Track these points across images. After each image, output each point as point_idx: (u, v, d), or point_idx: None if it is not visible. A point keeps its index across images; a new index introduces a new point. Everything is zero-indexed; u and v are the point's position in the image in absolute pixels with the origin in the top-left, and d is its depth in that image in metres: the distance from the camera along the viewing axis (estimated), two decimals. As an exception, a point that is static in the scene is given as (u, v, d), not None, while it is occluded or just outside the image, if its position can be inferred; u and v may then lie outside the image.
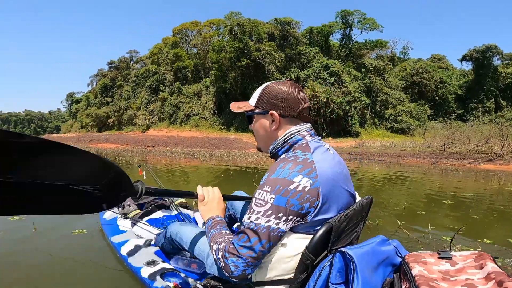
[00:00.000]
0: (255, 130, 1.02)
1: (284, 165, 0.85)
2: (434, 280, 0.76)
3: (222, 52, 32.25)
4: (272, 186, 0.81)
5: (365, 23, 35.90)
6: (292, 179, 0.81)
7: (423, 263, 0.83)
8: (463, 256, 0.84)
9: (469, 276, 0.75)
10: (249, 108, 0.99)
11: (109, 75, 49.16)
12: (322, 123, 27.61)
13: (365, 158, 14.49)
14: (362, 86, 32.47)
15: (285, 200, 0.80)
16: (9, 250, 2.06)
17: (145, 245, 1.66)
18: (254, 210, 0.83)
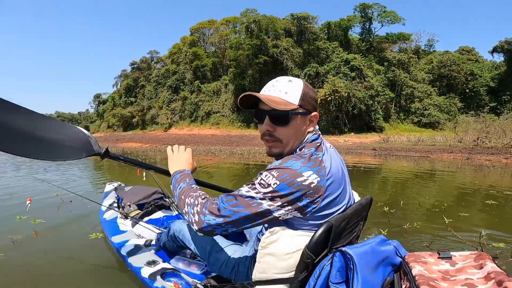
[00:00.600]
0: (284, 131, 0.91)
1: (298, 159, 0.85)
2: (434, 279, 0.76)
3: (240, 50, 32.29)
4: (280, 173, 0.81)
5: (386, 16, 34.75)
6: (302, 172, 0.81)
7: (423, 263, 0.83)
8: (462, 256, 0.84)
9: (469, 275, 0.76)
10: (292, 107, 0.89)
11: (132, 75, 50.87)
12: (343, 118, 26.95)
13: (391, 154, 13.93)
14: (385, 80, 31.37)
15: (288, 190, 0.80)
16: (9, 250, 2.06)
17: (145, 245, 1.66)
18: (255, 187, 0.83)
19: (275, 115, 0.89)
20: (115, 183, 2.89)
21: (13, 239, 2.20)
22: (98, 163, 8.46)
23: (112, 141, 28.43)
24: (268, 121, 0.91)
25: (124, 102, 49.02)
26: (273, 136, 0.92)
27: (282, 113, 0.88)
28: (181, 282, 1.27)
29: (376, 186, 5.40)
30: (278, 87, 0.91)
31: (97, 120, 58.83)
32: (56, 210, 3.04)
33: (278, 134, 0.91)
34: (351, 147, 18.61)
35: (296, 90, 0.90)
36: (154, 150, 16.14)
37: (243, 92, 0.96)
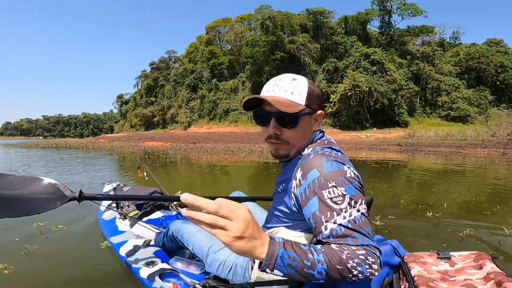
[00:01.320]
0: (293, 133, 0.87)
1: (327, 159, 0.81)
2: (433, 280, 0.75)
3: (256, 47, 32.10)
4: (335, 180, 0.77)
5: (406, 8, 33.61)
6: (343, 168, 0.79)
7: (422, 263, 0.82)
8: (462, 256, 0.83)
9: (468, 276, 0.75)
10: (300, 108, 0.85)
11: (151, 75, 52.16)
12: (365, 114, 26.16)
13: (418, 150, 13.30)
14: (408, 73, 30.21)
15: (354, 186, 0.78)
16: (9, 249, 2.06)
17: (144, 245, 1.64)
18: (340, 208, 0.74)
19: (282, 117, 0.84)
20: (114, 183, 2.88)
21: (12, 240, 2.22)
22: (98, 163, 8.52)
23: (134, 140, 29.23)
24: (275, 124, 0.86)
25: (145, 102, 50.36)
26: (280, 138, 0.87)
27: (290, 115, 0.83)
28: (179, 282, 1.26)
29: (410, 185, 5.15)
30: (283, 87, 0.86)
31: (120, 120, 60.88)
32: (56, 210, 3.08)
33: (285, 136, 0.87)
34: (374, 143, 17.99)
35: (302, 89, 0.86)
36: (174, 149, 16.36)
37: (261, 88, 0.91)
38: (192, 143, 21.42)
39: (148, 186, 2.44)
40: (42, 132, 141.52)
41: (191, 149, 15.78)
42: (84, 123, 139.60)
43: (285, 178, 0.93)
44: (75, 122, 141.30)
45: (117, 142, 28.07)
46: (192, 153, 13.22)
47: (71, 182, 4.93)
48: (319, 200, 0.76)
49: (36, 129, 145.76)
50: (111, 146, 20.26)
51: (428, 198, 3.72)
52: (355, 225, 0.73)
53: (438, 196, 3.90)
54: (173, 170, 7.10)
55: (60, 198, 1.14)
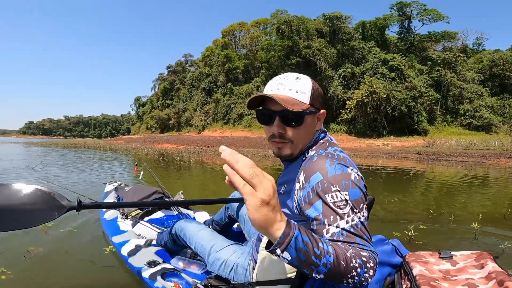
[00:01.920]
0: (296, 132, 0.86)
1: (330, 162, 0.81)
2: (435, 279, 0.75)
3: (271, 51, 32.08)
4: (338, 184, 0.77)
5: (426, 14, 32.85)
6: (347, 171, 0.79)
7: (424, 262, 0.82)
8: (463, 256, 0.83)
9: (470, 275, 0.75)
10: (305, 107, 0.83)
11: (168, 78, 53.17)
12: (382, 121, 25.50)
13: (439, 159, 12.77)
14: (429, 80, 29.34)
15: (357, 191, 0.78)
16: (10, 249, 2.07)
17: (145, 245, 1.65)
18: (343, 213, 0.75)
19: (287, 116, 0.83)
20: (115, 183, 2.88)
21: (13, 240, 2.22)
22: (114, 164, 8.59)
23: (150, 142, 29.77)
24: (279, 122, 0.85)
25: (161, 104, 51.32)
26: (284, 137, 0.86)
27: (295, 114, 0.82)
28: (181, 282, 1.26)
29: (437, 195, 4.87)
30: (288, 85, 0.85)
31: (137, 122, 62.32)
32: None
33: (289, 135, 0.86)
34: (391, 151, 17.46)
35: (306, 88, 0.85)
36: (188, 152, 16.47)
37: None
38: (206, 146, 21.52)
39: (149, 186, 2.42)
40: (63, 132, 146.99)
41: (205, 152, 15.82)
42: (103, 124, 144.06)
43: (287, 179, 0.92)
44: (94, 123, 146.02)
45: (133, 143, 28.66)
46: (206, 156, 13.22)
47: (87, 182, 4.96)
48: (323, 204, 0.76)
49: (57, 129, 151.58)
50: (127, 147, 20.66)
51: (458, 209, 3.50)
52: (357, 230, 0.73)
53: (469, 206, 3.68)
54: (186, 173, 7.07)
55: (56, 209, 1.07)
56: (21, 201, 1.03)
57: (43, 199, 1.07)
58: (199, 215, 2.15)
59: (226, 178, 0.63)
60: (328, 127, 28.39)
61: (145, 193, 2.24)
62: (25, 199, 1.04)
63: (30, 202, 1.03)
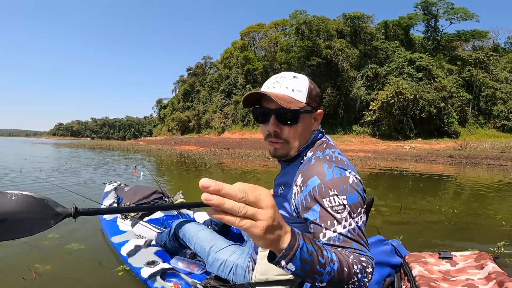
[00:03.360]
0: (292, 131, 0.85)
1: (328, 165, 0.80)
2: (435, 280, 0.75)
3: (291, 52, 31.63)
4: (336, 188, 0.76)
5: (454, 13, 31.32)
6: (345, 175, 0.78)
7: (424, 263, 0.82)
8: (463, 256, 0.82)
9: (470, 276, 0.75)
10: (301, 106, 0.82)
11: (188, 81, 54.06)
12: (409, 123, 24.35)
13: (474, 162, 11.90)
14: (459, 80, 27.79)
15: (355, 195, 0.77)
16: (10, 248, 2.07)
17: (145, 245, 1.65)
18: (340, 217, 0.74)
19: (283, 115, 0.82)
20: (115, 183, 2.88)
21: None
22: (99, 164, 8.56)
23: (171, 144, 30.27)
24: (275, 121, 0.84)
25: (182, 106, 52.24)
26: (280, 136, 0.85)
27: (291, 112, 0.81)
28: (180, 282, 1.26)
29: (488, 202, 4.35)
30: (284, 84, 0.84)
31: (159, 123, 63.89)
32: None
33: (285, 135, 0.85)
34: (420, 154, 16.55)
35: (303, 87, 0.84)
36: (209, 154, 16.47)
37: None
38: (226, 148, 21.50)
39: (149, 186, 2.45)
40: (90, 134, 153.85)
41: (225, 155, 15.74)
42: (127, 126, 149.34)
43: (285, 181, 0.91)
44: (119, 125, 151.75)
45: (155, 145, 29.27)
46: (227, 159, 13.11)
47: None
48: (320, 208, 0.75)
49: (85, 131, 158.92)
50: (149, 149, 21.05)
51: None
52: (354, 235, 0.73)
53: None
54: (208, 175, 6.93)
55: (51, 217, 1.02)
56: (11, 209, 0.95)
57: (35, 207, 1.00)
58: (199, 215, 2.17)
59: (209, 212, 0.45)
60: (351, 129, 27.57)
61: (145, 193, 2.23)
62: (16, 208, 0.96)
63: (21, 211, 0.96)
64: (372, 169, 9.00)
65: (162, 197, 2.28)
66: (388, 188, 5.54)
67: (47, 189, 4.14)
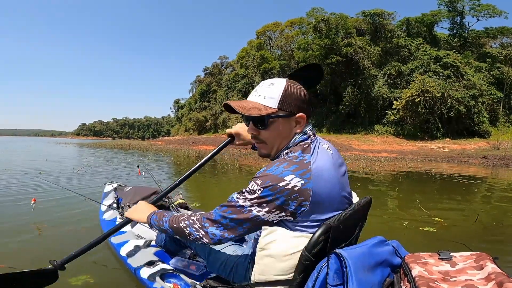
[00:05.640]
0: (267, 134, 0.95)
1: (281, 163, 0.87)
2: (434, 280, 0.75)
3: (309, 51, 31.00)
4: (263, 180, 0.85)
5: (481, 9, 29.81)
6: (283, 177, 0.84)
7: (423, 263, 0.83)
8: (463, 257, 0.82)
9: (469, 276, 0.75)
10: (270, 111, 0.91)
11: (205, 81, 54.40)
12: (436, 122, 23.21)
13: (510, 164, 11.00)
14: (489, 78, 26.31)
15: (272, 195, 0.83)
16: (12, 247, 2.10)
17: (144, 245, 1.64)
18: (244, 194, 0.88)
19: (255, 120, 0.94)
20: (115, 184, 2.90)
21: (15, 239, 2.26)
22: (157, 167, 8.46)
23: (188, 144, 30.53)
24: (252, 125, 0.95)
25: (199, 106, 52.69)
26: (258, 138, 0.96)
27: (257, 118, 0.92)
28: (180, 283, 1.26)
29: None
30: (259, 92, 0.93)
31: (176, 124, 64.82)
32: (57, 210, 3.10)
33: (262, 137, 0.95)
34: (449, 155, 15.66)
35: (275, 93, 0.91)
36: (228, 154, 16.36)
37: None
38: (243, 148, 21.31)
39: (148, 186, 2.46)
40: (111, 134, 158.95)
41: (244, 155, 15.55)
42: (146, 126, 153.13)
43: None
44: (138, 125, 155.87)
45: (173, 145, 29.60)
46: (245, 159, 12.89)
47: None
48: (249, 182, 0.88)
49: (106, 130, 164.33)
50: (168, 149, 21.24)
51: None
52: (233, 207, 0.88)
53: None
54: (224, 176, 6.72)
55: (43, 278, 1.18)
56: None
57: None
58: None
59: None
60: (372, 129, 26.65)
61: (145, 194, 2.22)
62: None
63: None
64: (415, 170, 8.46)
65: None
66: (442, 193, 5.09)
67: (49, 189, 4.03)
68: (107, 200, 2.50)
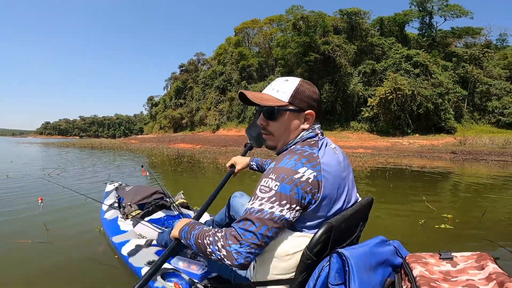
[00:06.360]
0: (276, 126, 0.96)
1: (291, 156, 0.87)
2: (435, 280, 0.75)
3: (288, 48, 31.21)
4: (277, 174, 0.83)
5: (449, 10, 31.57)
6: (297, 169, 0.83)
7: (424, 263, 0.83)
8: (464, 257, 0.83)
9: (470, 276, 0.75)
10: (281, 104, 0.93)
11: (180, 78, 52.92)
12: (406, 118, 24.36)
13: (479, 159, 11.80)
14: (455, 76, 28.03)
15: (289, 188, 0.81)
16: (12, 247, 2.10)
17: (146, 245, 1.65)
18: (258, 196, 0.84)
19: (265, 111, 0.95)
20: (116, 183, 2.90)
21: (19, 237, 2.26)
22: (99, 163, 8.16)
23: (165, 142, 29.54)
24: (262, 116, 0.97)
25: (174, 104, 51.22)
26: (267, 129, 0.98)
27: (269, 109, 0.94)
28: (181, 282, 1.26)
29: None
30: (273, 86, 0.96)
31: (150, 121, 62.57)
32: (58, 210, 3.09)
33: (270, 128, 0.97)
34: (420, 150, 16.47)
35: (288, 88, 0.94)
36: (209, 152, 15.98)
37: None
38: (223, 146, 20.99)
39: (150, 186, 2.44)
40: (79, 132, 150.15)
41: (224, 153, 15.28)
42: (117, 124, 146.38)
43: None
44: (108, 123, 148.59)
45: (148, 143, 28.49)
46: (226, 156, 12.64)
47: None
48: (257, 185, 0.86)
49: (73, 129, 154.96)
50: (144, 148, 20.37)
51: None
52: (251, 215, 0.81)
53: None
54: (208, 177, 6.48)
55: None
56: None
57: None
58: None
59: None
60: (348, 125, 27.44)
61: (146, 193, 2.23)
62: None
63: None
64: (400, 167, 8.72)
65: (163, 197, 2.28)
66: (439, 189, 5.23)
67: (49, 188, 3.91)
68: (108, 199, 2.50)
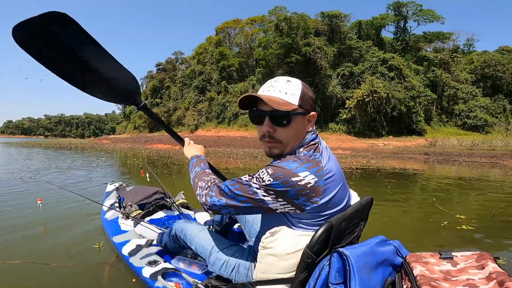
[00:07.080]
0: (285, 132, 0.91)
1: (294, 160, 0.86)
2: (436, 280, 0.76)
3: (269, 49, 31.29)
4: (274, 171, 0.84)
5: (422, 14, 33.22)
6: (298, 173, 0.83)
7: (424, 263, 0.83)
8: (464, 256, 0.83)
9: (470, 276, 0.76)
10: (293, 108, 0.89)
11: (157, 76, 51.25)
12: (382, 121, 25.25)
13: (450, 160, 12.44)
14: (425, 80, 29.54)
15: (282, 187, 0.83)
16: (13, 247, 2.10)
17: (146, 245, 1.65)
18: (254, 179, 0.88)
19: (275, 116, 0.89)
20: (117, 183, 2.89)
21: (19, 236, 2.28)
22: (98, 162, 8.39)
23: (140, 142, 28.41)
24: (269, 122, 0.91)
25: (151, 103, 49.43)
26: (273, 137, 0.92)
27: (283, 113, 0.88)
28: (182, 282, 1.27)
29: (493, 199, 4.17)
30: (278, 87, 0.91)
31: (123, 121, 59.99)
32: (58, 210, 3.06)
33: (278, 135, 0.91)
34: (396, 151, 17.10)
35: (295, 90, 0.90)
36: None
37: None
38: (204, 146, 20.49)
39: (150, 186, 2.42)
40: (44, 132, 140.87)
41: (209, 154, 14.85)
42: (86, 123, 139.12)
43: None
44: (76, 123, 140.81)
45: (122, 143, 27.26)
46: (208, 158, 12.28)
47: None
48: (260, 169, 0.88)
49: (37, 129, 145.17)
50: (119, 148, 19.39)
51: None
52: (238, 179, 0.90)
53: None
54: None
55: (132, 98, 1.34)
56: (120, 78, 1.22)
57: (131, 85, 1.27)
58: (200, 215, 2.16)
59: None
60: (327, 127, 27.97)
61: (146, 193, 2.24)
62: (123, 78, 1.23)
63: (123, 83, 1.24)
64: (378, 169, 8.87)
65: (163, 197, 2.28)
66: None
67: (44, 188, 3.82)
68: (109, 199, 2.49)
